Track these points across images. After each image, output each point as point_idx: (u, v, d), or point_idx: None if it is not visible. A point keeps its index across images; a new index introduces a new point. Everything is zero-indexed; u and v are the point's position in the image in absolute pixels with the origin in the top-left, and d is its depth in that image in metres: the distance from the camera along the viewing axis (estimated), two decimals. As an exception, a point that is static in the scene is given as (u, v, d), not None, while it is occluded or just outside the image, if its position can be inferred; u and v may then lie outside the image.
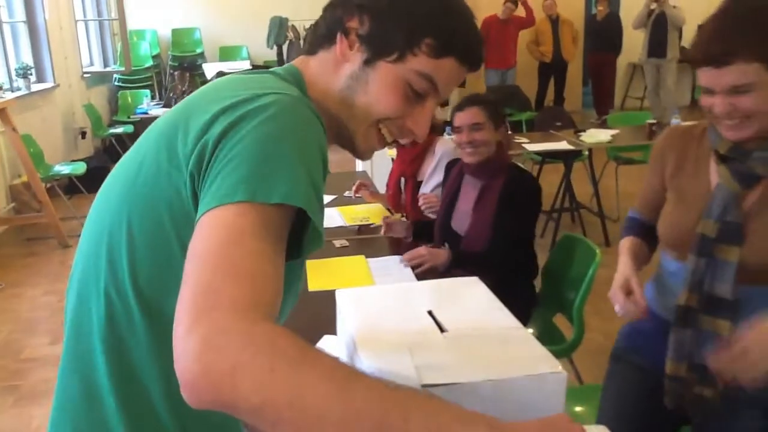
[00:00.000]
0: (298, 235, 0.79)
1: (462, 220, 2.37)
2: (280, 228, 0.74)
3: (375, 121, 0.93)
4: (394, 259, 2.39)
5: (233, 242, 0.69)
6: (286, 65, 0.97)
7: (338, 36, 0.91)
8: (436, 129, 2.92)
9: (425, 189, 2.84)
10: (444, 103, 1.77)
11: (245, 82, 0.86)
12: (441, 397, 0.71)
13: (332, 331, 1.56)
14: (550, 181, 5.11)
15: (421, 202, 2.71)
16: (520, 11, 8.19)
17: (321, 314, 1.45)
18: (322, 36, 0.94)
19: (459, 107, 2.36)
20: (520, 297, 2.26)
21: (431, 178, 2.84)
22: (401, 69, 0.89)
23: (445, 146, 2.85)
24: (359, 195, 3.17)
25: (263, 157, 0.74)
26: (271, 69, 0.96)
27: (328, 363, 0.65)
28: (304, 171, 0.75)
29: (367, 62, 0.90)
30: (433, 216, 2.67)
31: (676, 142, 1.52)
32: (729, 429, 1.00)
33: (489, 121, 2.29)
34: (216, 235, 0.70)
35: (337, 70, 0.92)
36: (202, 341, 0.61)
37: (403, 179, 2.99)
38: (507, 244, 2.21)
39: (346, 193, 3.35)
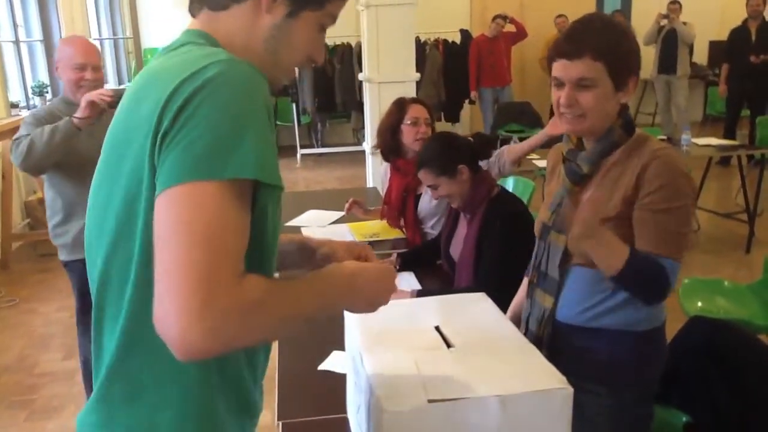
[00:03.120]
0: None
1: (458, 246, 2.36)
2: (240, 195, 0.82)
3: (296, 66, 1.02)
4: (404, 276, 2.40)
5: (202, 222, 0.78)
6: (191, 32, 0.98)
7: None
8: None
9: (425, 201, 2.83)
10: None
11: (183, 60, 0.89)
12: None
13: (341, 346, 1.57)
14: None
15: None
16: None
17: (330, 330, 1.46)
18: None
19: (417, 169, 2.34)
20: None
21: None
22: (320, 14, 0.98)
23: None
24: (352, 213, 3.11)
25: (215, 136, 0.80)
26: (182, 44, 0.96)
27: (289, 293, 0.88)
28: (254, 137, 0.82)
29: (291, 14, 0.96)
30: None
31: (553, 156, 1.77)
32: (576, 404, 1.04)
33: (441, 177, 2.25)
34: (184, 215, 0.78)
35: (256, 22, 0.96)
36: (210, 331, 0.76)
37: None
38: (489, 271, 2.15)
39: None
